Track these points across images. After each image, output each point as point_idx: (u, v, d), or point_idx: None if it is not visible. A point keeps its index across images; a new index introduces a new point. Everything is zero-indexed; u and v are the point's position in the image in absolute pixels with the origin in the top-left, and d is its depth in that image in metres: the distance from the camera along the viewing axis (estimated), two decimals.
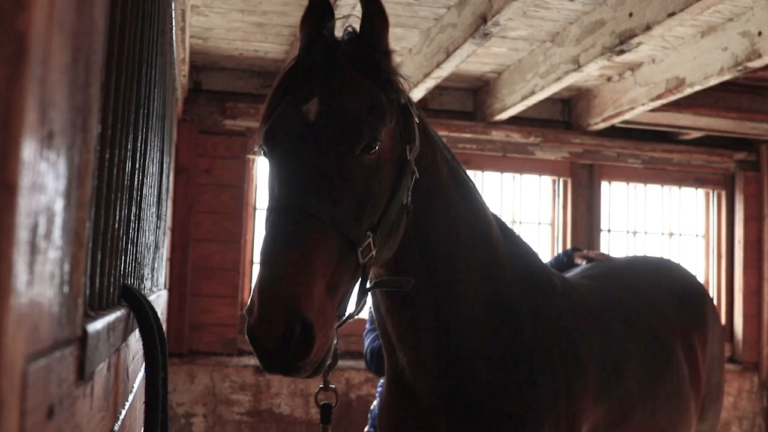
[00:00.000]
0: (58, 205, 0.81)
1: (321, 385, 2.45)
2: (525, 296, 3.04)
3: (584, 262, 4.39)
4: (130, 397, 2.07)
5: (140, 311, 1.78)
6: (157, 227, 3.55)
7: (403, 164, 2.40)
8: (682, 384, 3.74)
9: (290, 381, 6.32)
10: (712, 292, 7.36)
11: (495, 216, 3.13)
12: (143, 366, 1.78)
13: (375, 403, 4.30)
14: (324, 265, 2.08)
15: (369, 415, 4.37)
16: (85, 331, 1.02)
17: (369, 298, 2.80)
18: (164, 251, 4.72)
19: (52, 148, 0.77)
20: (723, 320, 7.34)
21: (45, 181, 0.75)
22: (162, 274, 4.55)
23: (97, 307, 1.34)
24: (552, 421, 2.95)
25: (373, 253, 2.25)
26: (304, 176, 2.16)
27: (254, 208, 6.70)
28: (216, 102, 6.54)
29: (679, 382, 3.71)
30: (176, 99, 5.45)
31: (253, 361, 6.24)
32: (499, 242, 3.00)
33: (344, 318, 2.27)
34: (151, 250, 3.25)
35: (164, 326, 5.47)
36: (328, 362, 2.24)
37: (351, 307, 2.29)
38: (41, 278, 0.74)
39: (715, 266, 7.52)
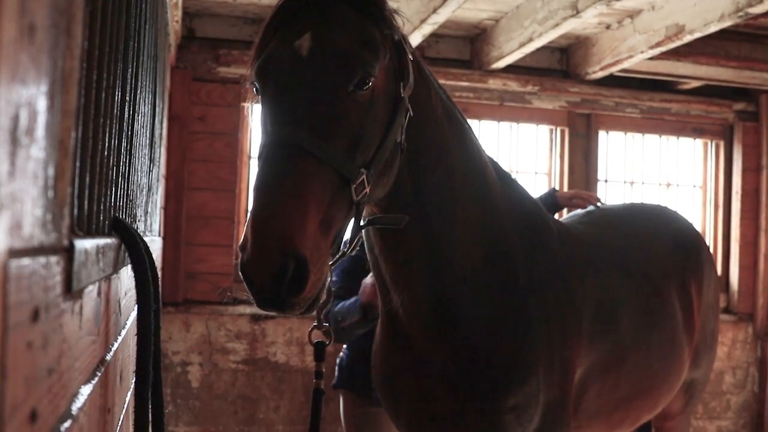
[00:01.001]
0: (41, 105, 0.78)
1: (315, 323, 2.44)
2: (521, 239, 3.03)
3: (576, 208, 4.36)
4: (123, 333, 2.06)
5: (131, 243, 1.76)
6: (150, 170, 3.52)
7: (397, 101, 2.37)
8: (676, 330, 3.75)
9: (286, 329, 6.34)
10: (709, 243, 7.35)
11: (491, 159, 3.11)
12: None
13: (342, 355, 4.28)
14: (317, 202, 2.06)
15: (336, 369, 4.32)
16: (72, 244, 1.00)
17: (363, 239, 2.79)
18: (158, 198, 4.69)
19: (34, 43, 0.75)
20: (719, 271, 7.34)
21: (26, 74, 0.72)
22: (156, 221, 4.53)
23: (86, 231, 1.32)
24: (546, 363, 2.95)
25: (367, 190, 2.23)
26: (297, 112, 2.13)
27: (248, 157, 6.66)
28: (209, 49, 6.47)
29: (673, 329, 3.72)
30: (169, 45, 5.38)
31: (249, 309, 6.26)
32: (494, 184, 2.98)
33: (338, 255, 2.26)
34: (144, 193, 3.23)
35: (159, 275, 5.47)
36: (322, 299, 2.23)
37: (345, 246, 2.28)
38: (23, 173, 0.72)
39: (712, 217, 7.51)
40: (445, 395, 2.90)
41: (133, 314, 2.39)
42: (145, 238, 2.89)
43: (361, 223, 2.31)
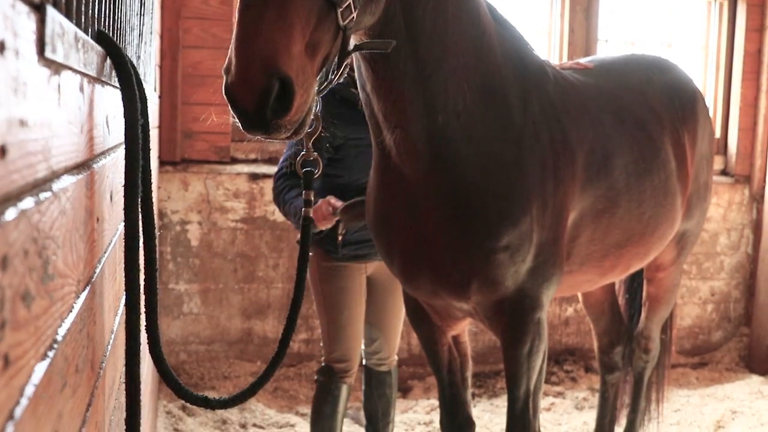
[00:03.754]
0: None
1: (303, 152, 2.45)
2: (515, 80, 3.01)
3: None
4: (113, 154, 2.06)
5: (117, 55, 1.73)
6: (141, 14, 3.46)
7: None
8: (669, 179, 3.76)
9: None
10: (709, 105, 7.27)
11: (488, 2, 3.06)
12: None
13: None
14: (302, 24, 2.04)
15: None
16: (43, 5, 0.99)
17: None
18: (153, 52, 4.63)
19: None
20: (718, 133, 7.33)
21: None
22: (151, 75, 4.49)
23: (65, 15, 1.30)
24: (539, 202, 2.97)
25: (354, 15, 2.20)
26: None
27: None
28: None
29: (666, 177, 3.73)
30: None
31: (247, 168, 6.27)
32: (489, 24, 2.95)
33: (326, 83, 2.25)
34: (135, 35, 3.18)
35: (156, 134, 5.45)
36: (311, 126, 2.24)
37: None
38: None
39: (713, 78, 7.42)
40: (438, 234, 2.93)
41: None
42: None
43: (349, 48, 2.30)
